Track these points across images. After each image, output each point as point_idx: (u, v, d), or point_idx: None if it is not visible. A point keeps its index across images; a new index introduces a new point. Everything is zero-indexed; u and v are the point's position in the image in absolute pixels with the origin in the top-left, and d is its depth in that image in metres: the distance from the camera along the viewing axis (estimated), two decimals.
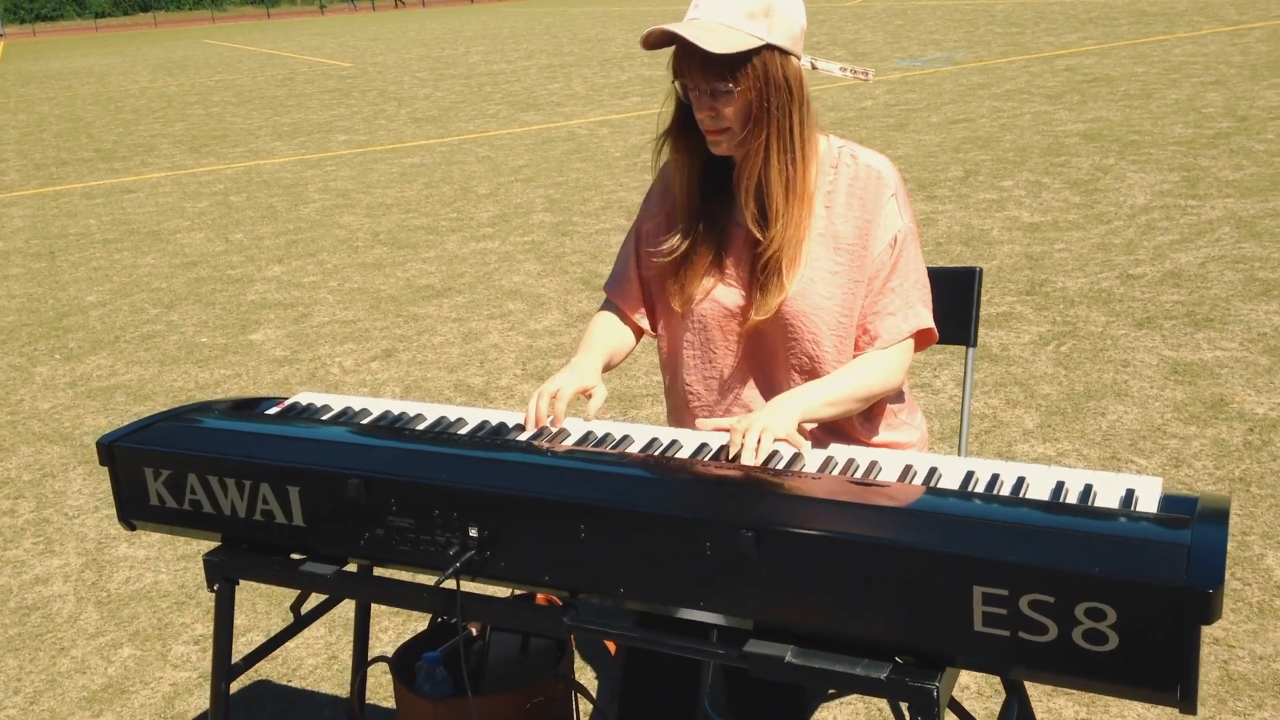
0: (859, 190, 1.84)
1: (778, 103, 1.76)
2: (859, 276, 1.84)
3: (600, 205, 7.38)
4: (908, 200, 1.88)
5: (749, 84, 1.75)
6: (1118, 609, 1.17)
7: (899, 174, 1.88)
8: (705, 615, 1.44)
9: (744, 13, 1.73)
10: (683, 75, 1.78)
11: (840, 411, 1.78)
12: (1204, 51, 12.00)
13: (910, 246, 1.85)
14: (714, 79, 1.75)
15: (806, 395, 1.75)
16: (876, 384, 1.83)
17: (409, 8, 49.57)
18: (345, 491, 1.59)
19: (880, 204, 1.83)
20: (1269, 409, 3.57)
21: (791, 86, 1.77)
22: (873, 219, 1.83)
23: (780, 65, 1.76)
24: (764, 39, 1.74)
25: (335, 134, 11.85)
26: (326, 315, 5.49)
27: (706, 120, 1.80)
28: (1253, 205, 5.94)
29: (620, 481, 1.49)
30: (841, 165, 1.86)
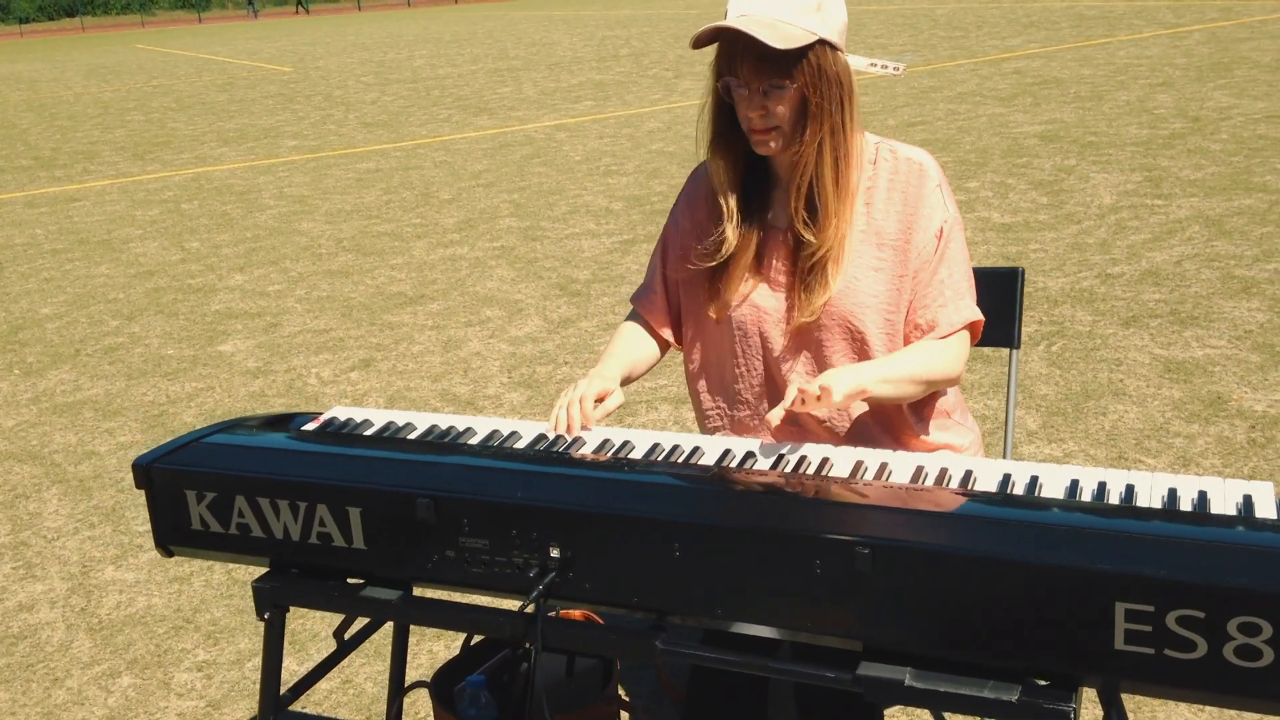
0: (900, 184, 1.80)
1: (830, 99, 1.72)
2: (903, 272, 1.79)
3: (567, 210, 7.29)
4: (951, 191, 1.84)
5: (804, 80, 1.70)
6: (1274, 623, 1.13)
7: (940, 169, 1.84)
8: (809, 637, 1.37)
9: (796, 7, 1.69)
10: (732, 73, 1.72)
11: (895, 393, 1.72)
12: (1147, 54, 12.23)
13: (957, 237, 1.81)
14: (769, 76, 1.70)
15: (862, 369, 1.69)
16: (936, 369, 1.77)
17: (317, 13, 48.96)
18: (413, 512, 1.49)
19: (922, 196, 1.79)
20: (1268, 406, 3.60)
21: (843, 81, 1.74)
22: (915, 211, 1.79)
23: (832, 60, 1.72)
24: (818, 34, 1.69)
25: (284, 139, 11.61)
26: (297, 324, 5.34)
27: (756, 120, 1.74)
28: (1218, 204, 6.03)
29: (716, 497, 1.41)
30: (880, 161, 1.83)
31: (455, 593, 1.83)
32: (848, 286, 1.79)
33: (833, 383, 1.59)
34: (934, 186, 1.79)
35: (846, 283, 1.79)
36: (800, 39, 1.67)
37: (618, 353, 1.93)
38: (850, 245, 1.80)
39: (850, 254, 1.80)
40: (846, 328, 1.80)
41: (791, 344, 1.84)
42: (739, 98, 1.73)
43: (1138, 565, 1.18)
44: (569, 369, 4.47)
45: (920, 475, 1.50)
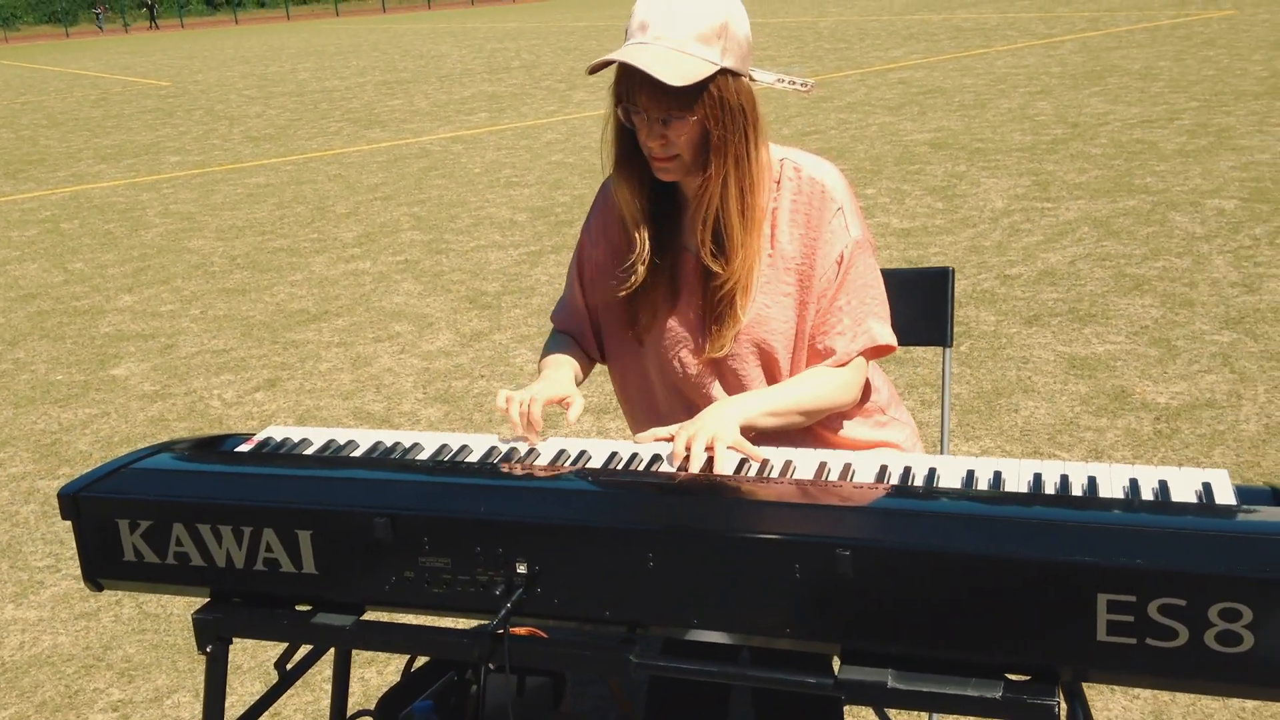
0: (803, 207, 1.75)
1: (733, 129, 1.66)
2: (808, 297, 1.76)
3: (470, 222, 7.19)
4: (858, 210, 1.80)
5: (704, 112, 1.64)
6: (1254, 608, 1.14)
7: (846, 183, 1.80)
8: (789, 643, 1.35)
9: (697, 35, 1.61)
10: (629, 100, 1.65)
11: (781, 423, 1.72)
12: (1024, 63, 12.68)
13: (860, 260, 1.76)
14: (667, 108, 1.63)
15: (747, 401, 1.69)
16: (824, 399, 1.75)
17: (191, 27, 47.66)
18: (370, 532, 1.43)
19: (824, 220, 1.74)
20: (1170, 398, 3.73)
21: (746, 109, 1.67)
22: (817, 237, 1.74)
23: (734, 89, 1.65)
24: (718, 63, 1.62)
25: (166, 155, 11.22)
26: (194, 345, 5.13)
27: (656, 149, 1.68)
28: (1104, 206, 6.26)
29: (689, 503, 1.38)
30: (785, 181, 1.76)
31: (405, 615, 1.76)
32: (758, 314, 1.76)
33: (717, 429, 1.58)
34: (836, 210, 1.74)
35: (756, 310, 1.76)
36: (699, 72, 1.60)
37: (560, 361, 1.87)
38: (758, 272, 1.76)
39: (759, 280, 1.76)
40: (758, 353, 1.79)
41: (707, 368, 1.82)
42: (638, 124, 1.67)
43: (1119, 556, 1.19)
44: (485, 382, 4.40)
45: (885, 474, 1.50)
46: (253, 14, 55.19)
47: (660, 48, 1.60)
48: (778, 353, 1.78)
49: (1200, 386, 3.80)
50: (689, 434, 1.58)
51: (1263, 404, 3.62)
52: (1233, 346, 4.11)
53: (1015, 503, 1.32)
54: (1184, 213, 5.95)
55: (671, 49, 1.60)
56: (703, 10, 1.61)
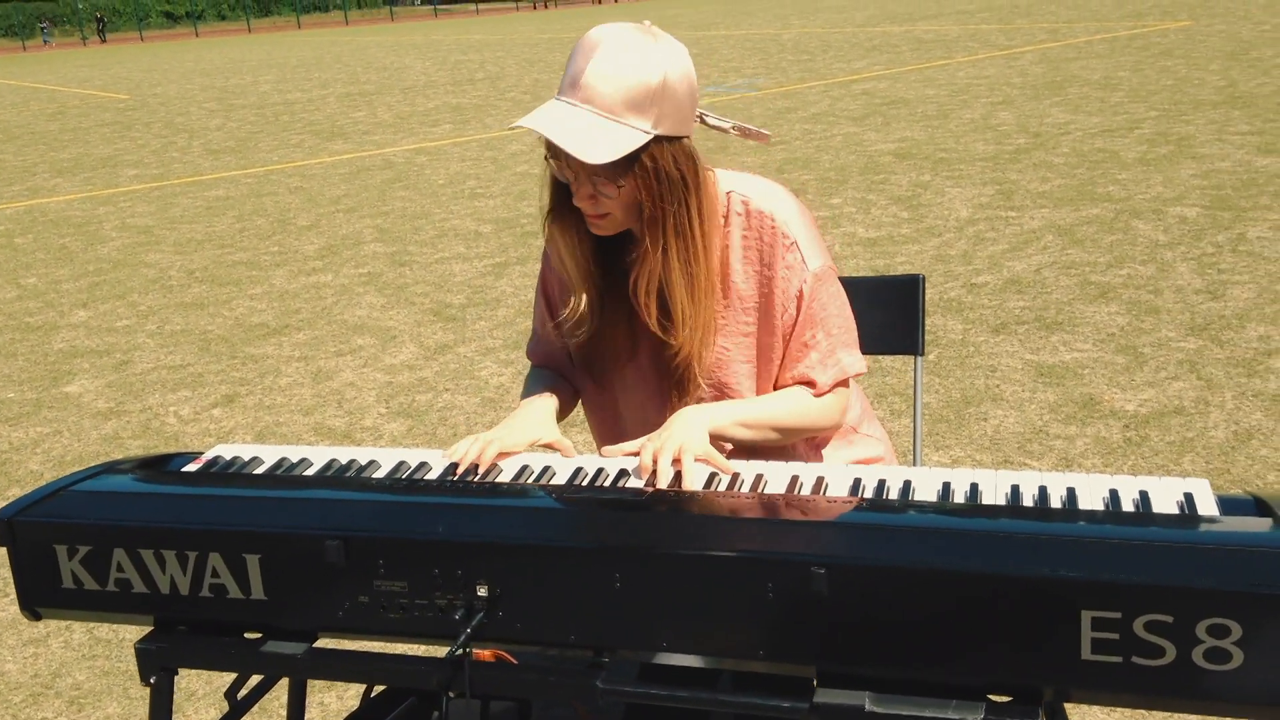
0: (754, 244, 1.65)
1: (672, 199, 1.54)
2: (771, 338, 1.69)
3: (435, 234, 7.11)
4: (815, 237, 1.68)
5: (636, 183, 1.53)
6: (1243, 623, 1.10)
7: (799, 207, 1.69)
8: (762, 666, 1.30)
9: (627, 102, 1.48)
10: (556, 157, 1.54)
11: (753, 437, 1.65)
12: (985, 74, 12.77)
13: (822, 292, 1.66)
14: (595, 175, 1.52)
15: (719, 409, 1.62)
16: (803, 418, 1.69)
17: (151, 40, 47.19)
18: (321, 555, 1.36)
19: (778, 257, 1.64)
20: (1138, 405, 3.72)
21: (685, 175, 1.55)
22: (773, 275, 1.64)
23: (671, 155, 1.53)
24: (650, 132, 1.50)
25: (123, 168, 11.05)
26: (150, 361, 5.02)
27: (586, 205, 1.57)
28: (1067, 214, 6.29)
29: (657, 521, 1.33)
30: (733, 217, 1.66)
31: (363, 641, 1.69)
32: (717, 359, 1.69)
33: (684, 439, 1.51)
34: (789, 245, 1.64)
35: (716, 354, 1.69)
36: (627, 144, 1.48)
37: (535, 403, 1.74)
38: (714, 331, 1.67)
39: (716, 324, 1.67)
40: (719, 395, 1.72)
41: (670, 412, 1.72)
42: (569, 178, 1.55)
43: (1103, 571, 1.14)
44: (450, 395, 4.32)
45: (859, 487, 1.45)
46: (213, 26, 54.69)
47: (585, 114, 1.48)
48: (741, 392, 1.72)
49: (1168, 394, 3.79)
50: (655, 447, 1.53)
51: (1230, 410, 3.62)
52: (1199, 353, 4.11)
53: (994, 516, 1.28)
54: (1147, 220, 5.98)
55: (599, 116, 1.48)
56: (639, 70, 1.48)
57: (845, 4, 30.28)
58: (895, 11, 25.26)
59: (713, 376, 1.70)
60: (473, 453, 1.58)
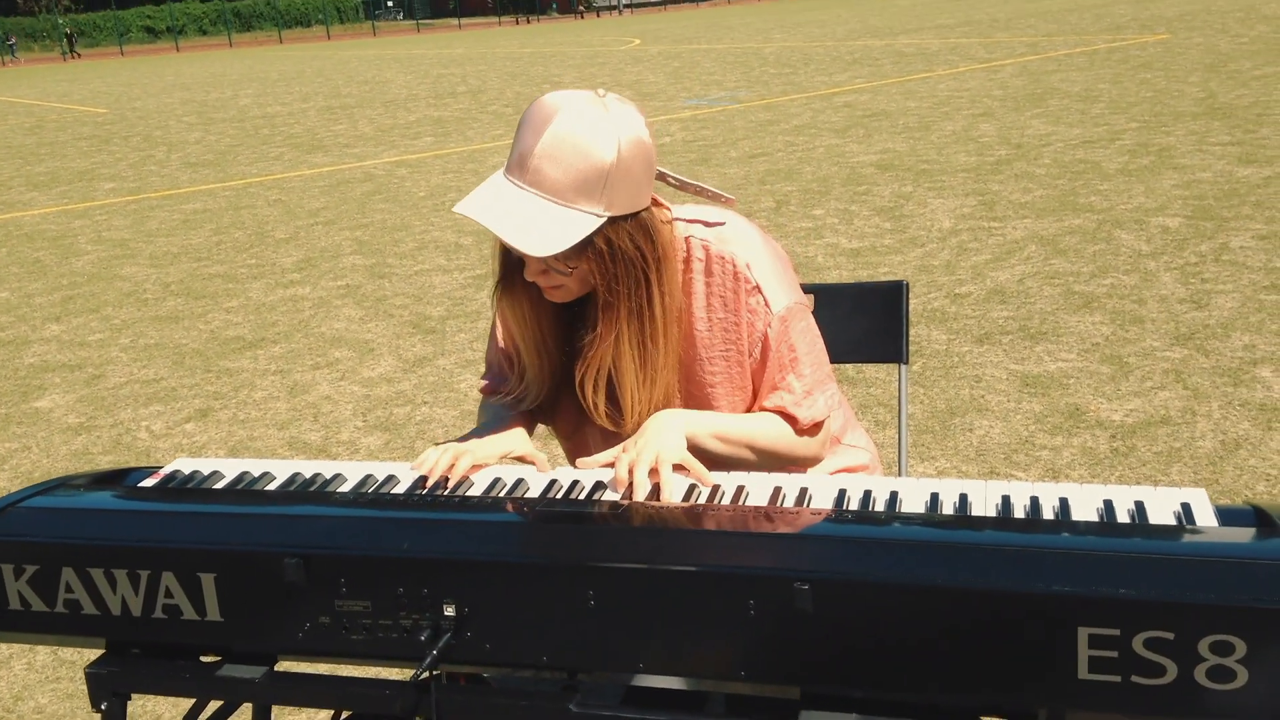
0: (716, 291, 1.59)
1: (627, 279, 1.48)
2: (742, 382, 1.63)
3: (415, 246, 7.04)
4: (781, 272, 1.61)
5: (590, 265, 1.47)
6: (1248, 640, 1.05)
7: (764, 242, 1.62)
8: (742, 687, 1.23)
9: (577, 186, 1.41)
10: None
11: (727, 451, 1.59)
12: (966, 87, 12.80)
13: (790, 333, 1.60)
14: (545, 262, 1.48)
15: (696, 417, 1.56)
16: (779, 446, 1.62)
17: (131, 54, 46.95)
18: (280, 574, 1.29)
19: (741, 303, 1.58)
20: (1124, 415, 3.68)
21: (643, 251, 1.48)
22: (738, 321, 1.58)
23: (628, 234, 1.47)
24: (603, 215, 1.44)
25: (100, 182, 10.94)
26: (123, 375, 4.93)
27: (540, 280, 1.52)
28: (1050, 224, 6.27)
29: (633, 535, 1.27)
30: (694, 262, 1.59)
31: (326, 664, 1.62)
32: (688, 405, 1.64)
33: (660, 448, 1.45)
34: (750, 290, 1.57)
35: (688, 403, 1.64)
36: (578, 230, 1.41)
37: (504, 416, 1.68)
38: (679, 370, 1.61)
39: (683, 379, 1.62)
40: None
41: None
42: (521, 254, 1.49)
43: (1101, 585, 1.09)
44: (428, 409, 4.25)
45: (844, 499, 1.39)
46: (195, 41, 54.50)
47: (532, 200, 1.42)
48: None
49: (1154, 403, 3.76)
50: (630, 458, 1.47)
51: (1217, 420, 3.59)
52: (1184, 363, 4.08)
53: (985, 528, 1.22)
54: (1129, 230, 5.96)
55: (547, 202, 1.41)
56: (590, 150, 1.41)
57: (826, 19, 30.40)
58: (876, 26, 25.37)
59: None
60: (443, 463, 1.51)
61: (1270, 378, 3.88)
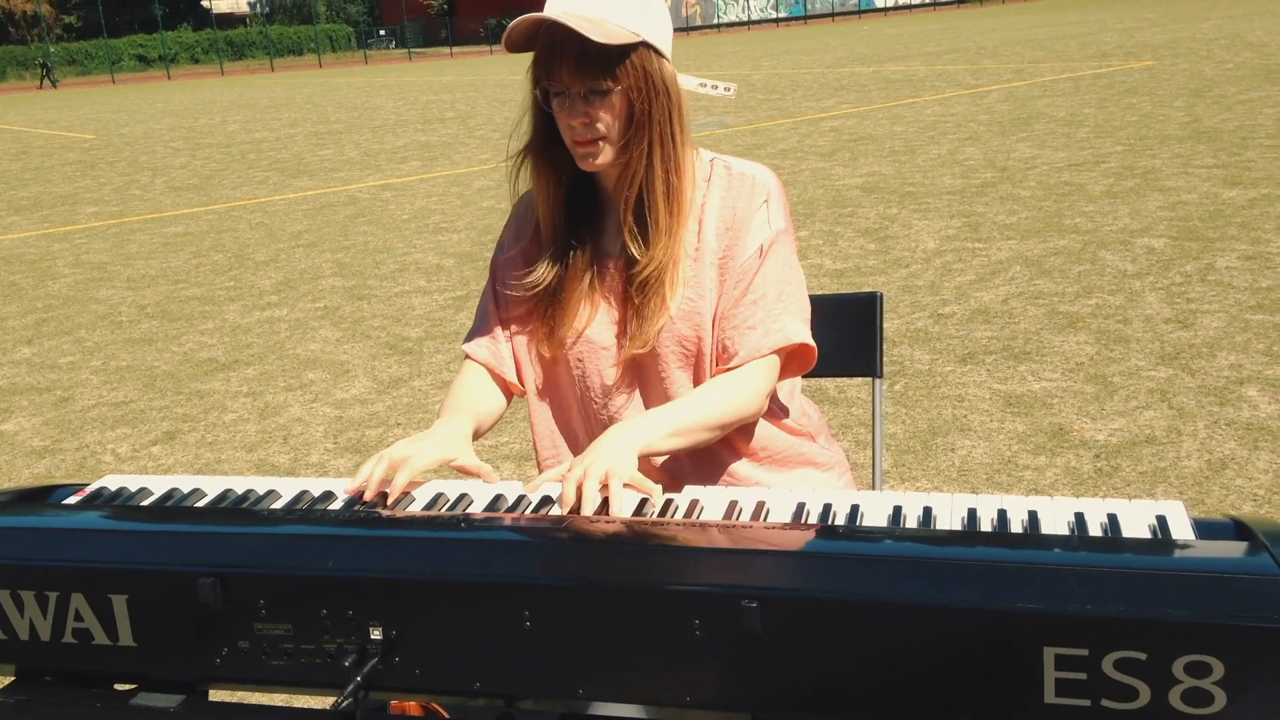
0: (731, 200, 1.66)
1: (658, 106, 1.57)
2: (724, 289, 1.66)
3: (395, 268, 6.97)
4: (786, 205, 1.69)
5: (628, 83, 1.54)
6: (1225, 661, 0.97)
7: (779, 184, 1.70)
8: (685, 713, 1.15)
9: (618, 5, 1.53)
10: (550, 78, 1.55)
11: (687, 443, 1.56)
12: (952, 112, 12.81)
13: (779, 252, 1.65)
14: (592, 77, 1.53)
15: (647, 425, 1.52)
16: (731, 409, 1.60)
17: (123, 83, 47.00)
18: (194, 595, 1.20)
19: (751, 211, 1.64)
20: (1109, 435, 3.61)
21: (670, 90, 1.59)
22: (742, 227, 1.64)
23: (658, 65, 1.57)
24: (642, 35, 1.54)
25: (83, 206, 10.87)
26: (91, 398, 4.84)
27: (580, 129, 1.57)
28: (1035, 245, 6.22)
29: (573, 552, 1.19)
30: (715, 178, 1.67)
31: (247, 692, 1.53)
32: (683, 309, 1.64)
33: (610, 463, 1.39)
34: (761, 202, 1.65)
35: (681, 305, 1.64)
36: (623, 37, 1.52)
37: (460, 406, 1.67)
38: (685, 266, 1.65)
39: (686, 275, 1.64)
40: (682, 352, 1.65)
41: (625, 378, 1.68)
42: (559, 105, 1.56)
43: (1068, 602, 1.01)
44: (402, 430, 4.16)
45: (803, 512, 1.31)
46: (186, 69, 54.61)
47: (581, 12, 1.52)
48: (705, 349, 1.65)
49: (1139, 423, 3.69)
50: (578, 474, 1.39)
51: (1203, 440, 3.52)
52: (1170, 382, 4.02)
53: (947, 542, 1.14)
54: (1114, 251, 5.92)
55: (592, 14, 1.51)
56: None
57: (814, 46, 30.56)
58: (863, 53, 25.49)
59: (676, 329, 1.63)
60: (377, 474, 1.43)
61: (1257, 397, 3.81)
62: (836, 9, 55.62)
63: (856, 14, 55.58)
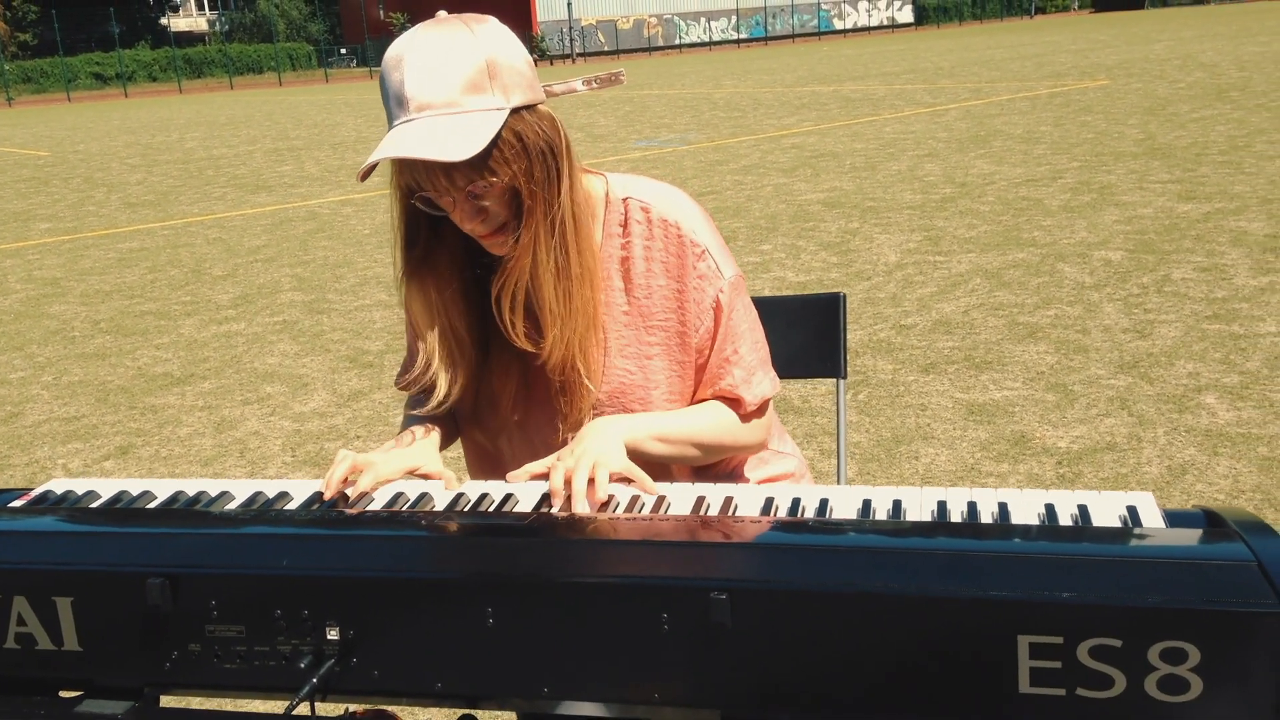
0: (659, 255, 1.52)
1: (543, 175, 1.41)
2: (683, 356, 1.54)
3: (356, 282, 6.90)
4: (722, 244, 1.56)
5: (510, 168, 1.38)
6: (1201, 646, 0.96)
7: (703, 213, 1.56)
8: (651, 711, 1.12)
9: (465, 87, 1.34)
10: (423, 188, 1.39)
11: (672, 453, 1.51)
12: (911, 129, 12.94)
13: (738, 303, 1.55)
14: (469, 180, 1.37)
15: (635, 421, 1.48)
16: (725, 437, 1.56)
17: (78, 100, 46.49)
18: (142, 596, 1.16)
19: (687, 267, 1.51)
20: (1070, 442, 3.63)
21: (553, 142, 1.42)
22: (684, 287, 1.51)
23: (534, 124, 1.40)
24: (504, 107, 1.37)
25: (36, 222, 10.69)
26: (42, 413, 4.73)
27: (478, 228, 1.42)
28: (994, 258, 6.27)
29: (536, 548, 1.15)
30: (632, 224, 1.52)
31: (198, 697, 1.48)
32: (621, 384, 1.53)
33: (599, 454, 1.36)
34: (700, 254, 1.51)
35: (618, 378, 1.53)
36: (486, 128, 1.34)
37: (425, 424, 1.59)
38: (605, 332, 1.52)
39: (616, 342, 1.53)
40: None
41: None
42: (446, 207, 1.40)
43: (1041, 589, 0.99)
44: (361, 443, 4.10)
45: (771, 507, 1.29)
46: (144, 87, 54.02)
47: (429, 121, 1.33)
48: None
49: (1100, 430, 3.71)
50: (567, 466, 1.35)
51: (1163, 445, 3.54)
52: (1130, 390, 4.05)
53: (918, 533, 1.13)
54: (1072, 264, 5.98)
55: (444, 116, 1.33)
56: (459, 57, 1.34)
57: (775, 66, 30.80)
58: (823, 73, 25.72)
59: (617, 404, 1.54)
60: (338, 474, 1.39)
61: (1215, 404, 3.85)
62: (797, 30, 56.15)
63: (816, 35, 56.14)
